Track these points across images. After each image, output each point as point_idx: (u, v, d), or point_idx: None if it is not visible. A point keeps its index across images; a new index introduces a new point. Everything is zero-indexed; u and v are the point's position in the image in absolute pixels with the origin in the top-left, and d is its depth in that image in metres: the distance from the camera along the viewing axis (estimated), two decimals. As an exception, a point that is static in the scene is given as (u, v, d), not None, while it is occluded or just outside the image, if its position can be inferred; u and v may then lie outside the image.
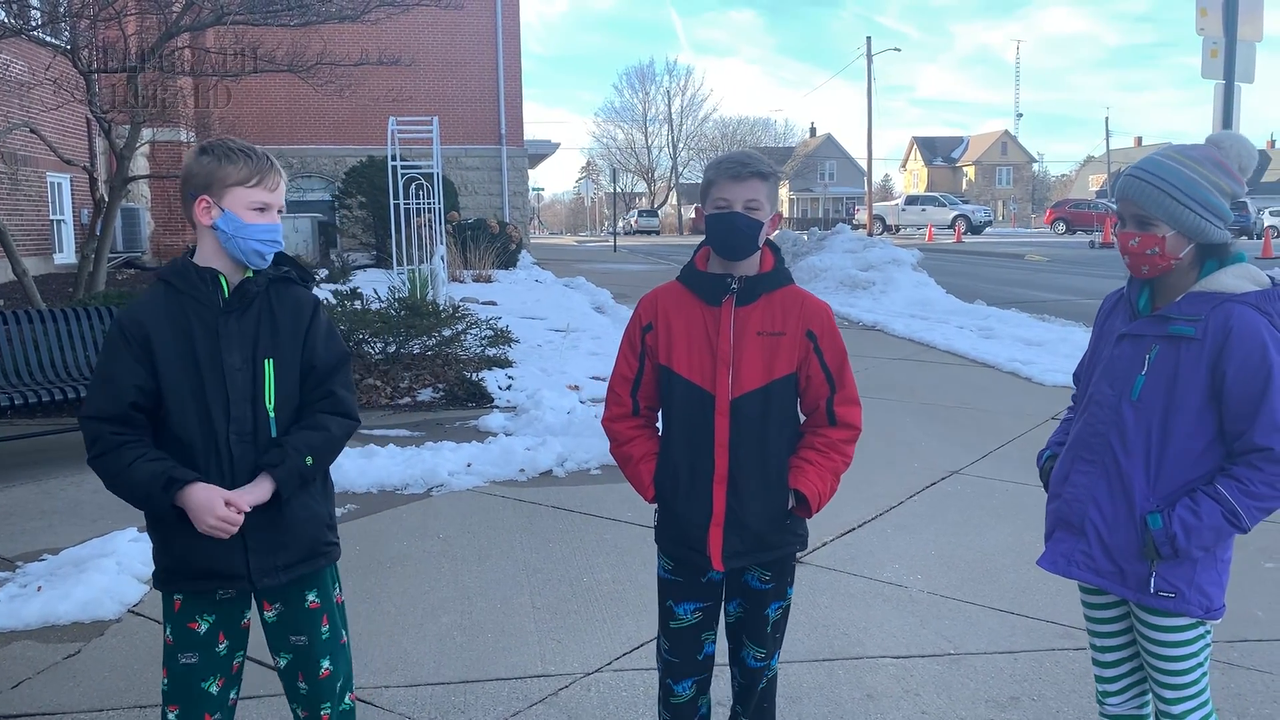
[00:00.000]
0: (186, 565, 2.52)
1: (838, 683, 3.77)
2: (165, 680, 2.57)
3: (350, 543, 5.31)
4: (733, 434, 2.63)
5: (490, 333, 10.02)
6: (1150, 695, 2.65)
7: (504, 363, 9.84)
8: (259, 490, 2.49)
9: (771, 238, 2.75)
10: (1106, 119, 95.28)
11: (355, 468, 6.40)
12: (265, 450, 2.52)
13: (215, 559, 2.50)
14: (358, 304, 9.79)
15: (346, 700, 2.77)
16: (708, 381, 2.65)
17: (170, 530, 2.49)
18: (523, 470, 6.56)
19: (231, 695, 2.66)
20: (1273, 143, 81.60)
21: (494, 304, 14.98)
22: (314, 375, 2.61)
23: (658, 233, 53.42)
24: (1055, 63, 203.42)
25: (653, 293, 2.81)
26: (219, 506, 2.44)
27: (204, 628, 2.56)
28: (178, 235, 22.45)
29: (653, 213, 56.37)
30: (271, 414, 2.53)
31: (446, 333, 9.63)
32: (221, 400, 2.49)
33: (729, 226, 2.60)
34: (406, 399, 8.84)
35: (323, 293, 12.57)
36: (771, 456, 2.66)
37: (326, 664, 2.69)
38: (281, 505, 2.53)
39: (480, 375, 9.18)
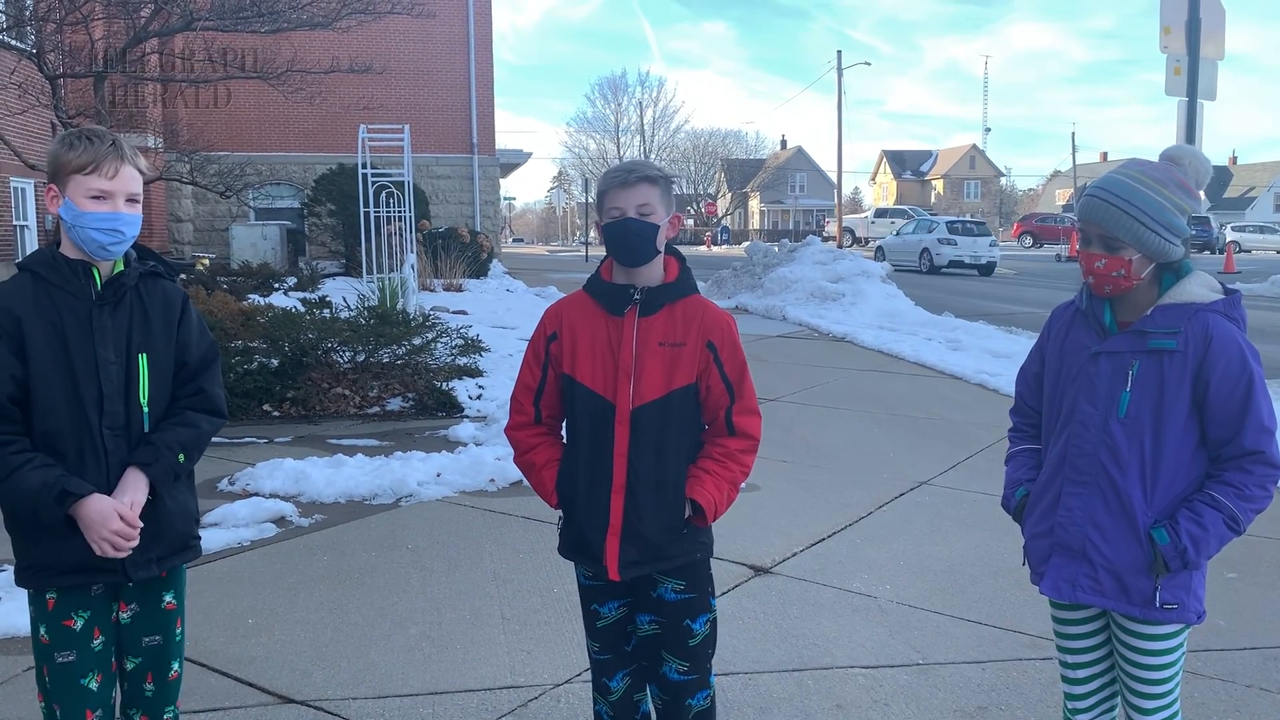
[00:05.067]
0: (59, 561, 2.46)
1: (807, 693, 3.78)
2: (47, 678, 2.52)
3: (318, 553, 5.27)
4: (632, 444, 2.65)
5: (460, 342, 9.97)
6: (1118, 708, 2.67)
7: (474, 372, 9.80)
8: (140, 491, 2.48)
9: (671, 240, 2.74)
10: (1073, 134, 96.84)
11: (323, 477, 6.34)
12: (137, 446, 2.51)
13: (88, 553, 2.44)
14: (327, 312, 9.72)
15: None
16: (609, 391, 2.66)
17: (40, 528, 2.43)
18: (493, 480, 6.53)
19: (112, 693, 2.61)
20: (1234, 159, 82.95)
21: (464, 313, 14.93)
22: (185, 371, 2.62)
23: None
24: (1023, 78, 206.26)
25: (558, 303, 2.84)
26: (114, 521, 2.41)
27: (79, 624, 2.51)
28: (143, 240, 22.17)
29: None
30: (145, 409, 2.53)
31: (416, 342, 9.57)
32: (94, 394, 2.45)
33: (622, 231, 2.62)
34: (375, 408, 8.78)
35: (291, 300, 12.47)
36: (670, 466, 2.67)
37: (176, 666, 2.69)
38: (155, 500, 2.52)
39: (450, 385, 9.14)
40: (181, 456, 2.54)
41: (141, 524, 2.47)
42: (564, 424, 2.83)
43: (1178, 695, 2.54)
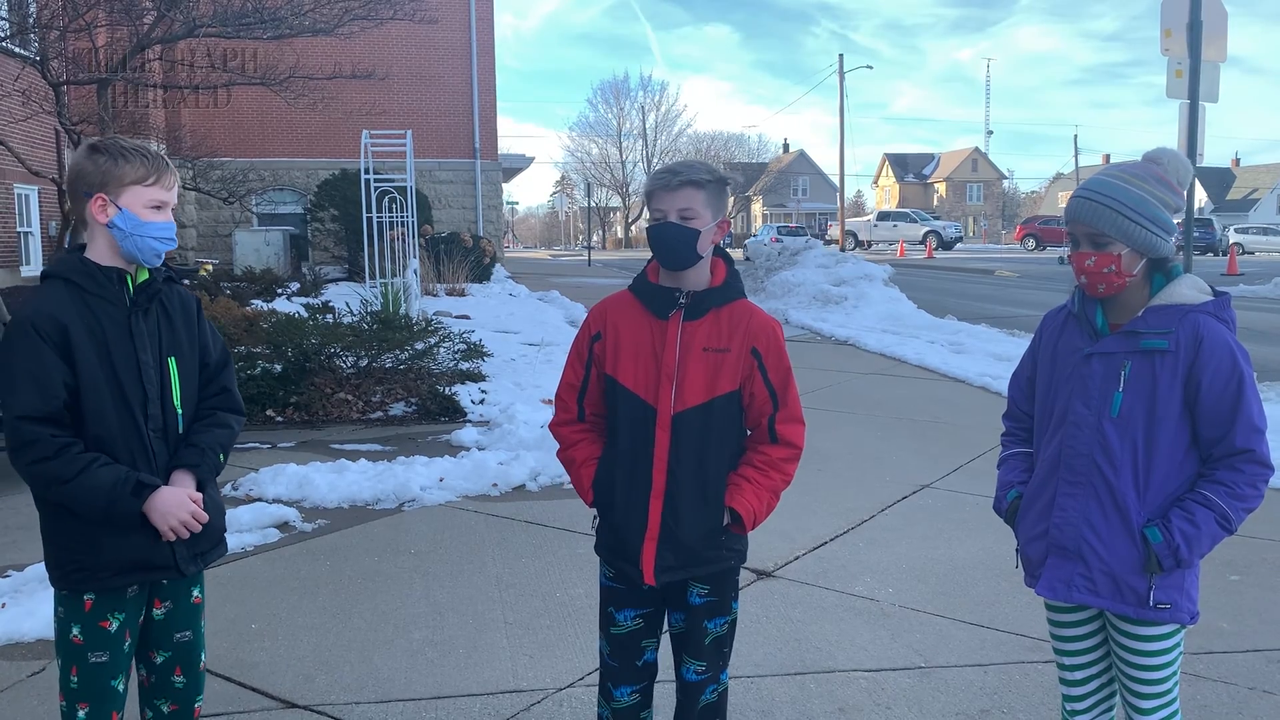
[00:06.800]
0: (117, 559, 2.53)
1: (810, 696, 3.78)
2: (75, 679, 2.57)
3: (321, 559, 5.28)
4: (672, 449, 2.64)
5: (463, 346, 10.00)
6: (1116, 708, 2.68)
7: (477, 377, 9.81)
8: (193, 488, 2.61)
9: (721, 244, 2.74)
10: (1075, 137, 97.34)
11: (326, 483, 6.35)
12: (174, 448, 2.62)
13: (147, 551, 2.55)
14: (329, 317, 9.74)
15: None
16: (650, 395, 2.65)
17: (98, 528, 2.50)
18: (496, 485, 6.54)
19: (125, 693, 2.68)
20: (1237, 161, 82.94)
21: (467, 318, 14.94)
22: (207, 372, 2.74)
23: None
24: (1026, 81, 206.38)
25: (603, 302, 2.83)
26: (188, 504, 2.55)
27: (115, 625, 2.57)
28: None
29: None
30: (179, 411, 2.63)
31: (419, 346, 9.60)
32: (140, 398, 2.54)
33: (662, 236, 2.62)
34: (378, 413, 8.79)
35: (294, 306, 12.50)
36: (710, 473, 2.66)
37: (204, 657, 2.79)
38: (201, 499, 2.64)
39: (453, 389, 9.15)
40: (221, 456, 2.68)
41: (206, 514, 2.60)
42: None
43: (1176, 695, 2.56)
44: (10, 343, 2.45)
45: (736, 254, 42.94)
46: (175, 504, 2.52)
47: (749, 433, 2.76)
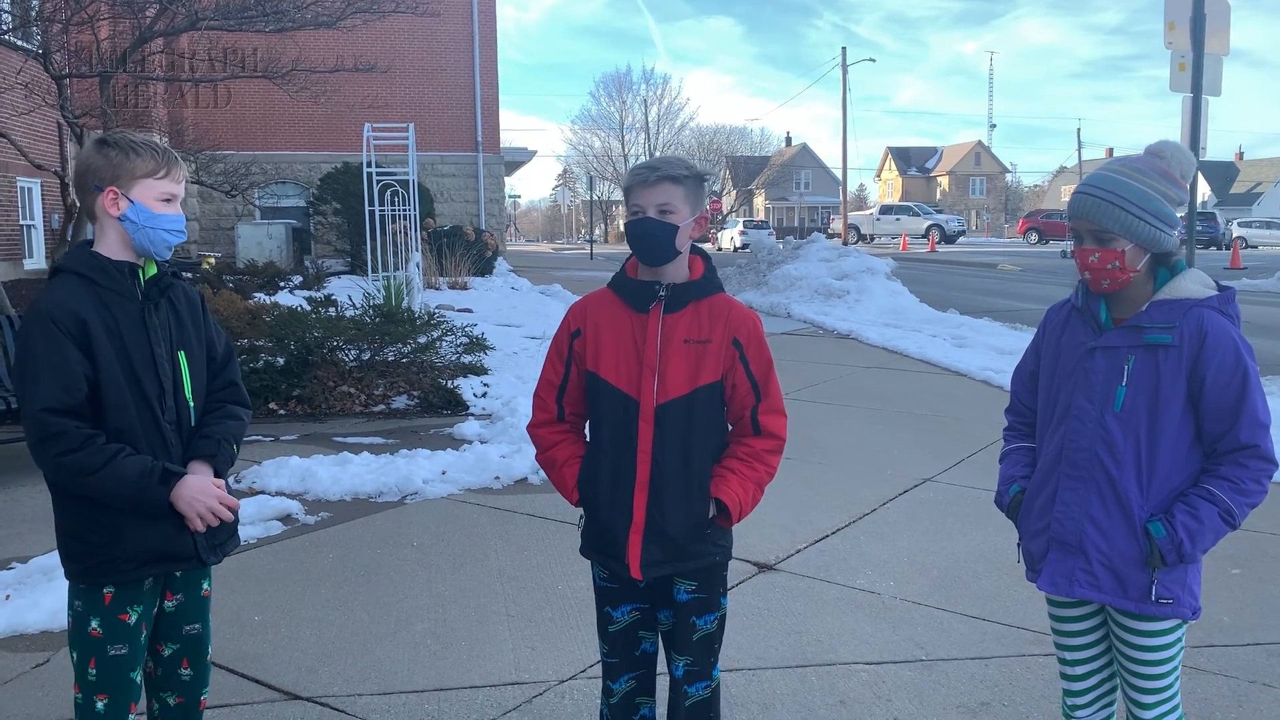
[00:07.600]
0: (140, 551, 2.54)
1: (811, 689, 3.79)
2: (93, 671, 2.58)
3: (323, 551, 5.30)
4: (656, 441, 2.64)
5: (466, 340, 10.00)
6: (1116, 703, 2.68)
7: (479, 370, 9.82)
8: (213, 477, 2.63)
9: (694, 240, 2.74)
10: (1078, 130, 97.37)
11: (329, 475, 6.37)
12: (188, 441, 2.64)
13: (170, 542, 2.57)
14: (332, 311, 9.75)
15: None
16: (633, 388, 2.65)
17: (123, 519, 2.51)
18: (498, 478, 6.55)
19: (141, 685, 2.69)
20: (1241, 154, 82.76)
21: (470, 311, 14.95)
22: (214, 365, 2.77)
23: None
24: (1029, 74, 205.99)
25: (583, 300, 2.83)
26: (215, 491, 2.58)
27: (134, 618, 2.58)
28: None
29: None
30: (191, 404, 2.66)
31: (421, 340, 9.60)
32: (156, 391, 2.56)
33: (641, 232, 2.63)
34: (381, 406, 8.80)
35: (296, 299, 12.51)
36: (694, 464, 2.66)
37: (210, 649, 2.82)
38: None
39: (455, 382, 9.16)
40: (235, 447, 2.71)
41: (237, 502, 2.64)
42: (587, 422, 2.82)
43: (1177, 690, 2.55)
44: (30, 336, 2.46)
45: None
46: (201, 491, 2.55)
47: (730, 427, 2.76)
